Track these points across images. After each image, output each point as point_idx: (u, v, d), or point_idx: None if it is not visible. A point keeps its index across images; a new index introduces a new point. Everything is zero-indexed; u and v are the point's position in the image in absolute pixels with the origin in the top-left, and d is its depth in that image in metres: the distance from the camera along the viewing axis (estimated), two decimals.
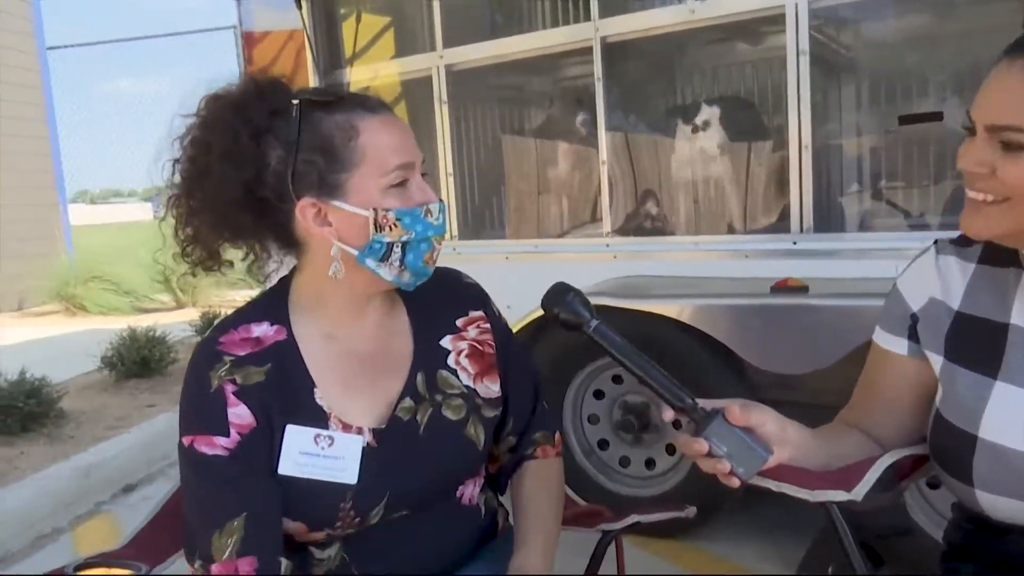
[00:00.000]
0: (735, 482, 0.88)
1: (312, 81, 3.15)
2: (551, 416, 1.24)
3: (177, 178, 1.01)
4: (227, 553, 0.94)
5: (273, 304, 1.06)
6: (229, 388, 0.98)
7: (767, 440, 0.90)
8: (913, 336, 1.05)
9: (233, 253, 1.06)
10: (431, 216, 1.00)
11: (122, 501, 3.08)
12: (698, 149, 2.74)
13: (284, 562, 0.97)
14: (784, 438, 0.93)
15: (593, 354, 2.42)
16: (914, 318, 1.04)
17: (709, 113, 2.66)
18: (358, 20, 3.42)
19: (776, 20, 2.34)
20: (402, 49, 3.35)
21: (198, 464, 0.97)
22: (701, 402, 0.91)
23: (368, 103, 1.01)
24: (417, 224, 0.99)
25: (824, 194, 2.46)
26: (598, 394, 2.51)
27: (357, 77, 3.20)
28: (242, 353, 1.00)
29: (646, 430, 2.45)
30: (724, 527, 2.38)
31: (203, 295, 7.23)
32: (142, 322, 4.69)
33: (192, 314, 5.64)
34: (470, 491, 1.13)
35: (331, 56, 3.26)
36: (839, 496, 0.95)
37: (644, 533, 2.31)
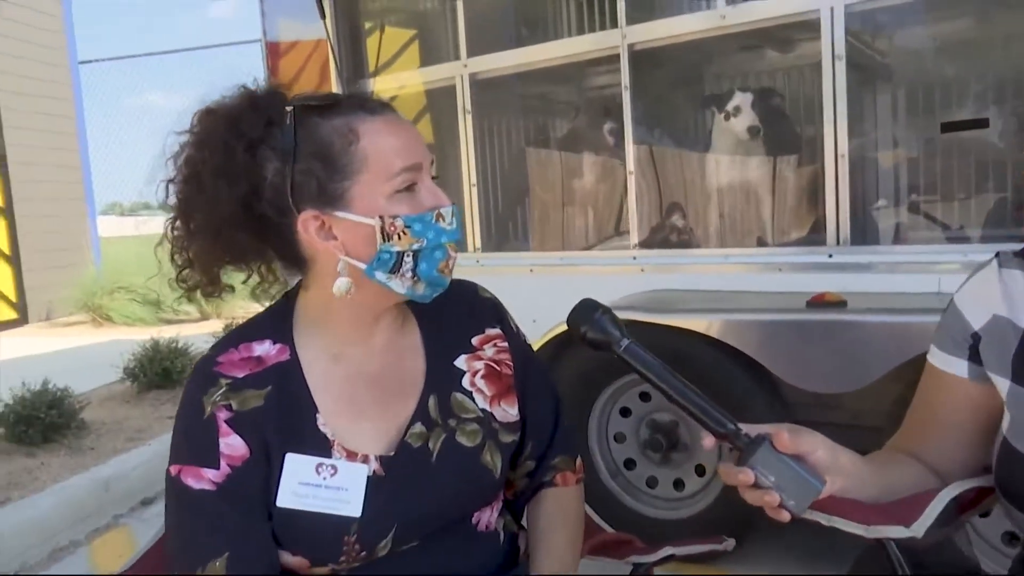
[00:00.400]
0: (784, 516, 0.80)
1: (336, 91, 3.12)
2: (572, 440, 1.16)
3: (172, 199, 0.94)
4: None
5: (277, 321, 1.00)
6: (222, 415, 0.92)
7: (818, 469, 0.83)
8: (975, 357, 0.96)
9: (235, 276, 1.00)
10: (443, 221, 0.93)
11: (139, 515, 3.04)
12: (728, 159, 2.66)
13: None
14: (836, 467, 0.85)
15: (620, 370, 2.34)
16: (975, 337, 0.96)
17: (740, 122, 2.58)
18: (382, 31, 3.40)
19: (810, 25, 2.27)
20: (426, 59, 3.32)
21: (183, 497, 0.91)
22: (745, 427, 0.83)
23: (368, 104, 0.94)
24: (428, 230, 0.92)
25: (861, 205, 2.37)
26: (624, 412, 2.43)
27: (381, 87, 3.16)
28: (240, 375, 0.94)
29: (674, 449, 2.36)
30: (759, 553, 2.28)
31: (227, 307, 7.23)
32: (166, 333, 4.68)
33: (216, 326, 5.64)
34: (487, 517, 1.05)
35: (355, 66, 3.24)
36: (898, 532, 0.87)
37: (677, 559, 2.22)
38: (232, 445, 0.92)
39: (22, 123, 7.64)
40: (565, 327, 0.90)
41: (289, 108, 0.91)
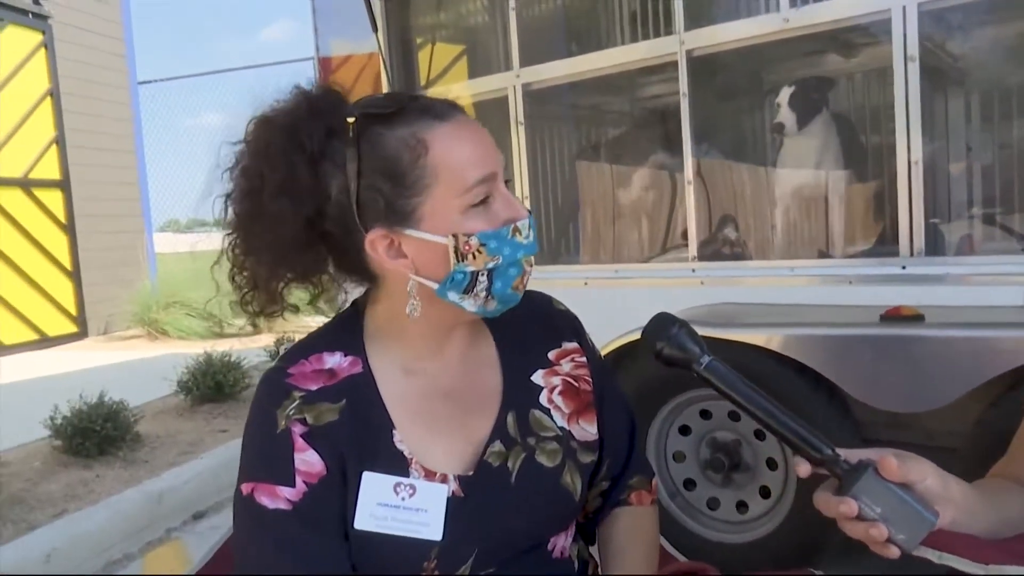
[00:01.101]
0: (893, 552, 0.72)
1: None
2: (647, 459, 1.10)
3: (230, 215, 0.89)
4: None
5: (346, 333, 0.94)
6: (297, 429, 0.86)
7: (927, 499, 0.74)
8: None
9: (298, 295, 0.94)
10: (520, 235, 0.86)
11: (191, 528, 3.04)
12: (793, 168, 2.56)
13: None
14: (947, 497, 0.76)
15: (679, 387, 2.26)
16: None
17: (807, 130, 2.48)
18: (433, 43, 3.39)
19: (880, 26, 2.16)
20: (478, 70, 3.29)
21: (257, 517, 0.85)
22: (844, 453, 0.75)
23: (435, 109, 0.86)
24: (505, 247, 0.85)
25: (935, 214, 2.25)
26: (684, 430, 2.33)
27: None
28: (314, 387, 0.89)
29: (737, 470, 2.26)
30: None
31: (279, 321, 7.31)
32: (220, 347, 4.73)
33: (268, 339, 5.67)
34: (562, 542, 0.99)
35: (407, 79, 3.23)
36: (1021, 572, 0.77)
37: None
38: (308, 461, 0.86)
39: (84, 143, 7.87)
40: (622, 342, 0.83)
41: (351, 119, 0.85)
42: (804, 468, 0.75)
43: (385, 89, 3.11)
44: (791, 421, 0.77)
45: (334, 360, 0.91)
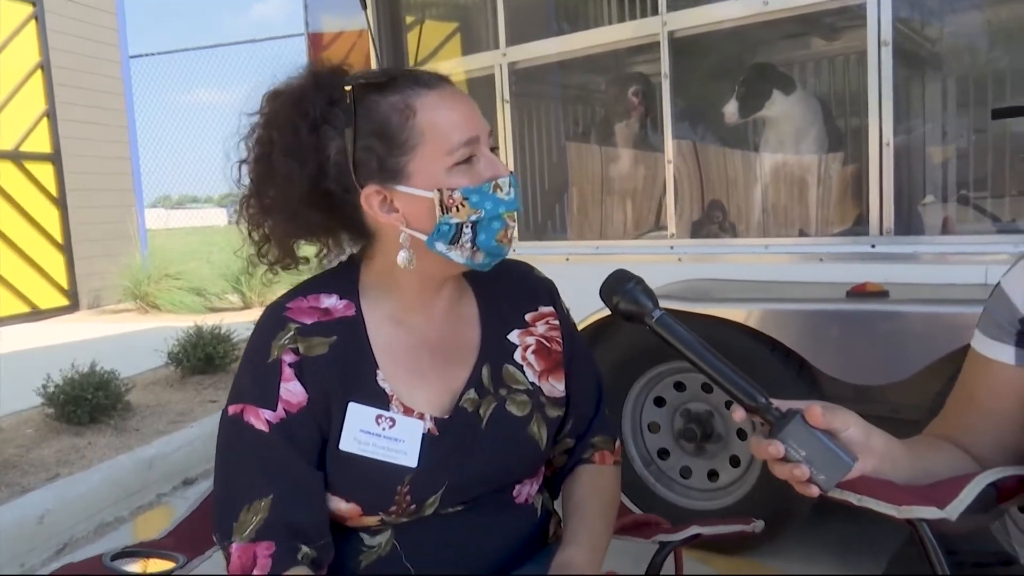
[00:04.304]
0: (813, 491, 0.79)
1: None
2: (612, 423, 1.18)
3: (246, 179, 0.99)
4: (247, 532, 0.91)
5: (343, 280, 1.04)
6: (287, 359, 0.96)
7: (850, 447, 0.81)
8: (1022, 343, 0.93)
9: (307, 249, 1.05)
10: (501, 192, 0.95)
11: (181, 494, 3.12)
12: (769, 148, 2.62)
13: (303, 549, 0.93)
14: (869, 446, 0.84)
15: (654, 359, 2.33)
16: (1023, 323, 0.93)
17: (780, 110, 2.53)
18: (422, 21, 3.42)
19: (856, 10, 2.21)
20: (466, 48, 3.33)
21: (239, 435, 0.95)
22: (776, 402, 0.82)
23: (423, 78, 0.97)
24: (486, 201, 0.94)
25: (905, 195, 2.31)
26: (659, 401, 2.41)
27: None
28: (309, 321, 0.99)
29: (709, 440, 2.34)
30: (793, 544, 2.25)
31: (271, 294, 7.35)
32: (210, 320, 4.78)
33: (258, 314, 5.73)
34: (527, 490, 1.08)
35: (396, 57, 3.26)
36: (930, 513, 0.85)
37: (706, 548, 2.20)
38: (292, 391, 0.96)
39: (76, 116, 7.86)
40: (600, 315, 0.90)
41: (348, 87, 0.94)
42: (739, 414, 0.83)
43: (374, 67, 3.14)
44: (730, 372, 0.83)
45: (330, 301, 1.01)
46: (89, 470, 3.00)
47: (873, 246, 2.19)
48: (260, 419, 0.94)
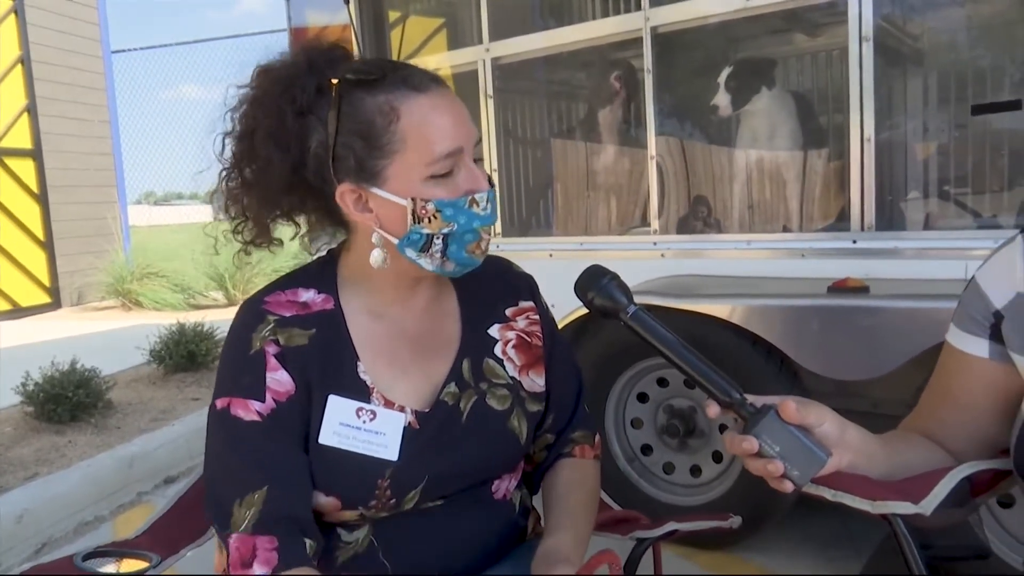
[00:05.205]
0: (788, 486, 0.79)
1: None
2: (592, 418, 1.18)
3: (228, 152, 0.98)
4: (245, 525, 0.90)
5: (322, 273, 1.03)
6: (271, 350, 0.95)
7: (825, 442, 0.81)
8: (996, 336, 0.94)
9: (283, 231, 1.04)
10: (477, 206, 0.93)
11: (162, 492, 3.10)
12: (751, 144, 2.62)
13: (308, 542, 0.92)
14: (844, 441, 0.84)
15: (637, 355, 2.33)
16: (997, 316, 0.94)
17: (763, 106, 2.54)
18: (405, 16, 3.40)
19: (837, 6, 2.22)
20: (449, 43, 3.31)
21: (229, 429, 0.94)
22: (751, 398, 0.82)
23: (413, 80, 0.93)
24: (460, 215, 0.92)
25: (887, 190, 2.32)
26: (642, 397, 2.41)
27: None
28: (288, 314, 0.97)
29: (691, 435, 2.34)
30: (773, 540, 2.26)
31: (255, 291, 7.32)
32: (193, 318, 4.74)
33: None
34: (506, 486, 1.08)
35: (379, 52, 3.24)
36: (905, 508, 0.85)
37: (687, 543, 2.21)
38: (279, 380, 0.95)
39: (57, 112, 7.77)
40: (584, 312, 0.89)
41: (335, 81, 0.92)
42: (714, 409, 0.82)
43: None
44: (705, 367, 0.83)
45: (308, 295, 1.00)
46: (69, 469, 2.97)
47: (855, 242, 2.20)
48: (250, 411, 0.93)
